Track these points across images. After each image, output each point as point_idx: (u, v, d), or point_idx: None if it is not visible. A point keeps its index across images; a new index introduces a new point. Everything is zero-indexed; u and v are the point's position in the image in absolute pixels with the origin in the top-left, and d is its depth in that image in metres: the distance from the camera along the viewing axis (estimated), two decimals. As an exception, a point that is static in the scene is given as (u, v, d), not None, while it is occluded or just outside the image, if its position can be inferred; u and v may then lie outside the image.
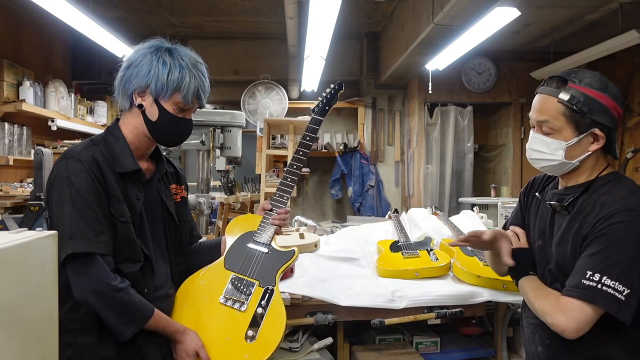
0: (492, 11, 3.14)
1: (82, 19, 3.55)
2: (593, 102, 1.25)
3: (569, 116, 1.26)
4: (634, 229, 1.18)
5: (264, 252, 1.57)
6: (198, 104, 1.45)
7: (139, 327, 1.31)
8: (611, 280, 1.16)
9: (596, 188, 1.29)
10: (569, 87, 1.27)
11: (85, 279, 1.26)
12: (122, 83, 1.40)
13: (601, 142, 1.27)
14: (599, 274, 1.18)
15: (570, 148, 1.28)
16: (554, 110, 1.28)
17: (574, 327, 1.18)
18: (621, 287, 1.16)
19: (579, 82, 1.27)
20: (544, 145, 1.31)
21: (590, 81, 1.28)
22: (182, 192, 1.61)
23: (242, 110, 5.35)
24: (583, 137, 1.27)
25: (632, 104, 4.64)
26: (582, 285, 1.19)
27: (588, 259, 1.21)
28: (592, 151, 1.28)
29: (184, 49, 1.43)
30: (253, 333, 1.42)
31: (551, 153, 1.30)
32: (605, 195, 1.26)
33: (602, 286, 1.17)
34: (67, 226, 1.26)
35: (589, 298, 1.18)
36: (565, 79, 1.29)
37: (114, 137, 1.42)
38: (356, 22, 5.54)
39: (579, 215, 1.28)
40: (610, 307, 1.16)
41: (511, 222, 1.54)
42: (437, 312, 1.92)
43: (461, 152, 5.50)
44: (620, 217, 1.19)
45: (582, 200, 1.29)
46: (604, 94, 1.26)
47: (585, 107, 1.25)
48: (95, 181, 1.30)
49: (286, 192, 1.66)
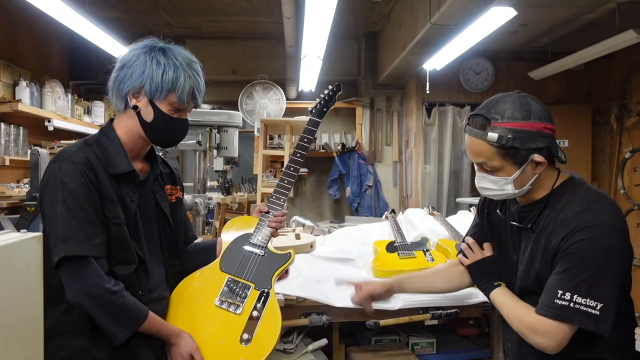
0: (489, 11, 3.14)
1: (78, 20, 3.54)
2: (521, 133, 1.24)
3: (504, 154, 1.27)
4: (596, 245, 1.20)
5: (260, 254, 1.57)
6: (193, 103, 1.43)
7: (133, 330, 1.30)
8: (582, 298, 1.19)
9: (554, 202, 1.31)
10: (493, 127, 1.26)
11: (78, 282, 1.25)
12: (116, 84, 1.39)
13: (544, 164, 1.28)
14: (569, 293, 1.20)
15: (517, 180, 1.29)
16: (487, 152, 1.28)
17: (555, 345, 1.22)
18: (593, 302, 1.19)
19: (501, 119, 1.26)
20: (492, 183, 1.32)
21: (512, 113, 1.26)
22: (177, 193, 1.60)
23: (239, 111, 5.34)
24: (525, 167, 1.28)
25: (630, 104, 4.63)
26: (555, 305, 1.22)
27: (557, 277, 1.24)
28: (538, 174, 1.29)
29: (178, 48, 1.42)
30: (248, 336, 1.42)
31: (500, 189, 1.32)
32: (564, 210, 1.28)
33: (574, 304, 1.20)
34: (60, 229, 1.25)
35: (563, 317, 1.21)
36: (487, 118, 1.27)
37: (108, 138, 1.40)
38: (353, 22, 5.53)
39: (543, 233, 1.30)
40: (586, 324, 1.20)
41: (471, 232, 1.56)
42: (432, 313, 1.91)
43: (459, 152, 5.49)
44: (581, 235, 1.21)
45: (543, 218, 1.32)
46: (528, 122, 1.25)
47: (516, 142, 1.24)
48: (88, 183, 1.29)
49: (283, 195, 1.65)
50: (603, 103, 4.98)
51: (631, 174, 4.60)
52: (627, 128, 4.66)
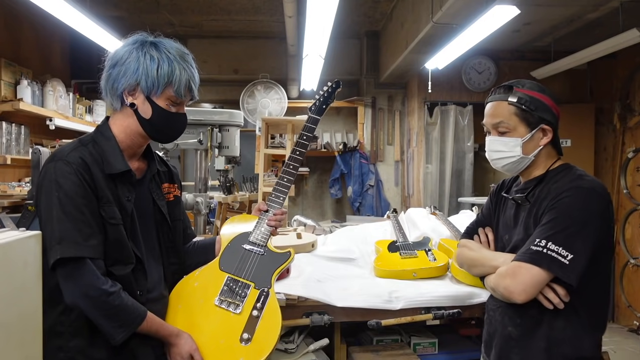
0: (492, 9, 3.13)
1: (79, 18, 3.53)
2: (537, 101, 1.46)
3: (520, 115, 1.47)
4: (578, 202, 1.36)
5: (260, 253, 1.55)
6: (190, 96, 1.42)
7: (131, 331, 1.29)
8: (555, 245, 1.32)
9: (550, 178, 1.48)
10: (515, 91, 1.48)
11: (75, 284, 1.24)
12: (110, 83, 1.37)
13: (549, 136, 1.48)
14: (545, 240, 1.34)
15: (526, 144, 1.47)
16: (506, 112, 1.48)
17: (521, 289, 1.34)
18: (564, 252, 1.31)
19: (522, 87, 1.48)
20: (503, 145, 1.49)
21: (531, 85, 1.50)
22: (175, 191, 1.58)
23: (241, 110, 5.33)
24: (534, 132, 1.47)
25: (633, 104, 4.62)
26: (530, 251, 1.35)
27: (538, 229, 1.38)
28: (543, 145, 1.48)
29: (169, 41, 1.40)
30: (248, 336, 1.41)
31: (510, 150, 1.48)
32: (558, 182, 1.44)
33: (547, 250, 1.32)
34: (56, 230, 1.24)
35: (533, 260, 1.33)
36: (510, 86, 1.50)
37: (104, 137, 1.38)
38: (355, 21, 5.52)
39: (537, 202, 1.46)
40: (554, 269, 1.31)
41: (481, 220, 1.70)
42: (434, 313, 1.90)
43: (461, 151, 5.47)
44: (567, 193, 1.38)
45: (539, 190, 1.47)
46: (544, 95, 1.48)
47: (532, 105, 1.46)
48: (84, 183, 1.28)
49: (282, 193, 1.63)
50: (606, 102, 4.96)
51: (634, 174, 4.59)
52: (630, 127, 4.64)
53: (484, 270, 1.53)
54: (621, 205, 4.76)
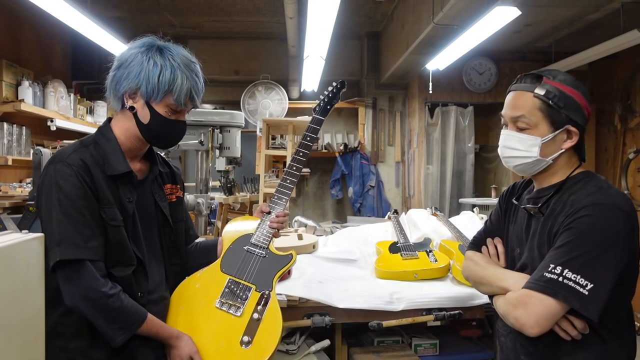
0: (493, 10, 3.12)
1: (80, 19, 3.54)
2: (568, 98, 1.25)
3: (545, 111, 1.26)
4: (598, 222, 1.16)
5: (261, 255, 1.55)
6: (191, 105, 1.41)
7: (131, 333, 1.29)
8: (572, 273, 1.14)
9: (568, 187, 1.28)
10: (544, 83, 1.27)
11: (74, 286, 1.24)
12: (113, 84, 1.37)
13: (574, 140, 1.27)
14: (560, 267, 1.15)
15: (545, 145, 1.27)
16: (530, 105, 1.27)
17: (533, 321, 1.16)
18: (583, 281, 1.13)
19: (553, 78, 1.27)
20: (519, 142, 1.29)
21: (564, 78, 1.28)
22: (178, 192, 1.58)
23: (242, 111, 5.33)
24: (558, 133, 1.26)
25: (634, 105, 4.61)
26: (544, 278, 1.17)
27: (553, 252, 1.20)
28: (565, 149, 1.28)
29: (177, 47, 1.39)
30: (249, 338, 1.40)
31: (526, 150, 1.28)
32: (576, 193, 1.25)
33: (562, 279, 1.14)
34: (56, 232, 1.24)
35: (548, 290, 1.15)
36: (539, 75, 1.29)
37: (106, 138, 1.38)
38: (356, 22, 5.52)
39: (552, 215, 1.27)
40: (571, 301, 1.13)
41: (490, 229, 1.50)
42: (435, 314, 1.90)
43: (462, 152, 5.47)
44: (585, 211, 1.18)
45: (554, 201, 1.28)
46: (577, 91, 1.27)
47: (560, 102, 1.25)
48: (84, 185, 1.27)
49: (285, 194, 1.63)
50: (607, 103, 4.96)
51: (635, 175, 4.58)
52: (631, 128, 4.64)
53: (491, 290, 1.35)
54: (622, 206, 4.76)
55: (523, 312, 1.18)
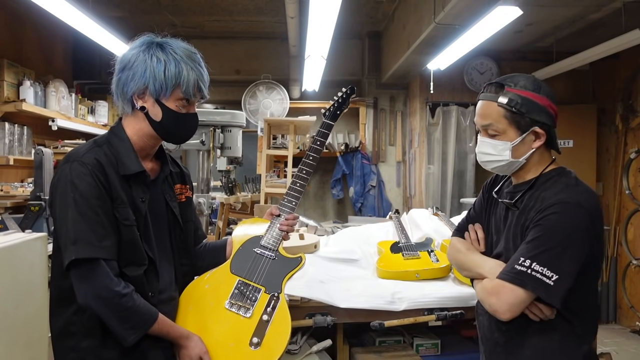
0: (494, 10, 3.12)
1: (81, 19, 3.54)
2: (529, 102, 1.36)
3: (510, 118, 1.37)
4: (564, 219, 1.30)
5: (271, 257, 1.56)
6: (200, 95, 1.41)
7: (142, 332, 1.29)
8: (540, 266, 1.27)
9: (540, 184, 1.40)
10: (506, 91, 1.37)
11: (88, 285, 1.24)
12: (120, 87, 1.37)
13: (542, 139, 1.38)
14: (529, 260, 1.29)
15: (516, 147, 1.38)
16: (495, 114, 1.39)
17: (506, 309, 1.31)
18: (549, 272, 1.27)
19: (514, 86, 1.37)
20: (492, 148, 1.41)
21: (525, 83, 1.37)
22: (187, 192, 1.58)
23: (243, 110, 5.34)
24: (525, 135, 1.37)
25: (635, 104, 4.61)
26: (514, 270, 1.31)
27: (524, 246, 1.33)
28: (535, 148, 1.39)
29: (176, 41, 1.39)
30: (258, 340, 1.41)
31: (499, 154, 1.40)
32: (546, 190, 1.37)
33: (531, 271, 1.28)
34: (71, 231, 1.24)
35: (518, 281, 1.29)
36: (502, 84, 1.39)
37: (118, 138, 1.38)
38: (357, 22, 5.52)
39: (525, 210, 1.39)
40: (539, 291, 1.28)
41: (472, 217, 1.62)
42: (437, 314, 1.90)
43: (463, 152, 5.47)
44: (552, 209, 1.31)
45: (528, 196, 1.40)
46: (538, 94, 1.37)
47: (523, 107, 1.35)
48: (99, 185, 1.28)
49: (295, 198, 1.64)
50: (608, 103, 4.95)
51: (636, 175, 4.58)
52: (633, 128, 4.63)
53: (471, 275, 1.50)
54: (623, 206, 4.75)
55: (496, 300, 1.32)
